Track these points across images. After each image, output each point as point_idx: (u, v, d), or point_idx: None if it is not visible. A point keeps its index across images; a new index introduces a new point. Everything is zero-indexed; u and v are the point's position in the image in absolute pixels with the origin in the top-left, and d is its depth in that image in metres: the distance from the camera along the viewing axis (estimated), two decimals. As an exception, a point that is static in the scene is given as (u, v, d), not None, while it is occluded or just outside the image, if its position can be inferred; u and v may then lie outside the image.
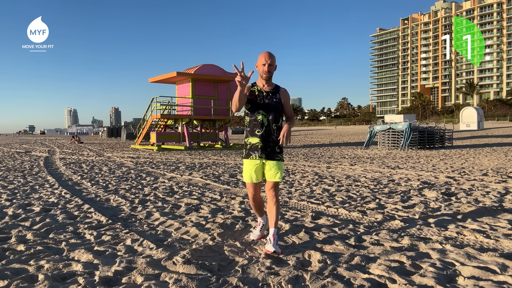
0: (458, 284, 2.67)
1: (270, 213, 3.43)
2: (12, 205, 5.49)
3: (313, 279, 2.72)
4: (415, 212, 4.75)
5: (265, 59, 3.34)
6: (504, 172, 8.40)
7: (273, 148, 3.41)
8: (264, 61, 3.34)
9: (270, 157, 3.40)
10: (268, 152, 3.40)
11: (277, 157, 3.42)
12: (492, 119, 70.46)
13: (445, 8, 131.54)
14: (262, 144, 3.38)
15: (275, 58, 3.41)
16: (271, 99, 3.42)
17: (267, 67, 3.35)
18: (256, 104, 3.42)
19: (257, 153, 3.39)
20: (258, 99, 3.42)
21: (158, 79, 20.73)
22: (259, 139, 3.39)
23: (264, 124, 3.39)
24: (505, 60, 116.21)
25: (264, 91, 3.44)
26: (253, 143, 3.41)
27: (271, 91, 3.44)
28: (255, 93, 3.44)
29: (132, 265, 3.07)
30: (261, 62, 3.36)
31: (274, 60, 3.39)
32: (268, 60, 3.33)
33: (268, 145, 3.39)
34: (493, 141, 20.96)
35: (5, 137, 66.55)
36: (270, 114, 3.38)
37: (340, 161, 11.66)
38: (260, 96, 3.43)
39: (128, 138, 33.96)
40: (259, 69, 3.42)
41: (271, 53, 3.37)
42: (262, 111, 3.39)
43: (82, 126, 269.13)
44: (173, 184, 7.43)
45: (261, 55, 3.38)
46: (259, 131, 3.39)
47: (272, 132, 3.40)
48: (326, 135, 41.53)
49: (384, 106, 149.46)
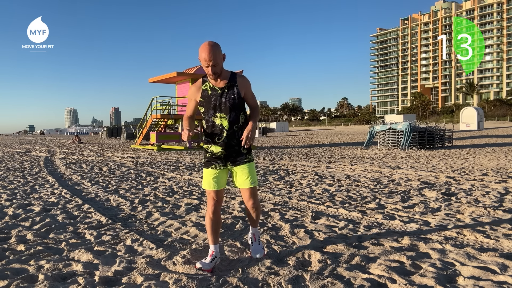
0: (458, 284, 2.67)
1: (250, 217, 3.20)
2: (12, 205, 5.49)
3: (313, 279, 2.72)
4: (415, 212, 4.75)
5: (205, 60, 2.75)
6: (504, 172, 8.40)
7: (238, 151, 2.95)
8: (205, 63, 2.76)
9: (237, 162, 2.95)
10: (234, 158, 2.95)
11: (245, 159, 2.97)
12: (492, 119, 70.47)
13: (445, 8, 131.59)
14: (226, 152, 2.92)
15: (218, 50, 2.76)
16: (228, 97, 2.88)
17: (211, 69, 2.78)
18: (211, 106, 2.89)
19: (220, 162, 2.95)
20: (213, 100, 2.89)
21: (158, 79, 20.74)
22: (221, 148, 2.91)
23: (225, 129, 2.89)
24: (505, 60, 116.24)
25: (218, 88, 2.89)
26: (215, 152, 2.94)
27: (226, 86, 2.90)
28: (207, 93, 2.91)
29: (132, 265, 3.07)
30: (203, 63, 2.79)
31: (218, 56, 2.76)
32: (210, 62, 2.74)
33: (233, 150, 2.93)
34: (493, 141, 20.96)
35: (5, 137, 66.54)
36: (230, 115, 2.87)
37: (340, 161, 11.66)
38: (214, 95, 2.89)
39: (128, 138, 33.96)
40: (203, 68, 2.83)
41: (211, 48, 2.73)
42: (219, 114, 2.88)
43: (82, 126, 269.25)
44: (173, 184, 7.43)
45: (200, 53, 2.76)
46: (219, 138, 2.90)
47: (234, 134, 2.91)
48: (326, 135, 41.53)
49: (384, 106, 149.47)
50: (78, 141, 31.05)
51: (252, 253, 3.21)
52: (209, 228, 3.04)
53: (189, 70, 20.08)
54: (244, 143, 2.80)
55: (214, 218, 3.00)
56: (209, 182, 2.96)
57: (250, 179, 2.96)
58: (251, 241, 3.30)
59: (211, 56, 2.72)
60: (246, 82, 2.97)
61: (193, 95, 2.97)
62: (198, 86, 2.96)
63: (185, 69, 20.63)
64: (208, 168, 2.98)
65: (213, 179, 2.95)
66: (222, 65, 2.86)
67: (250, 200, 3.03)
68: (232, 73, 2.98)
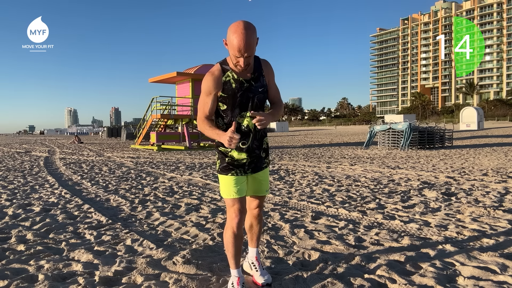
0: (458, 284, 2.67)
1: (251, 231, 2.69)
2: (12, 205, 5.49)
3: (313, 279, 2.72)
4: (415, 212, 4.75)
5: (240, 51, 2.11)
6: (504, 172, 8.40)
7: (259, 155, 2.46)
8: (238, 53, 2.13)
9: (257, 167, 2.48)
10: (255, 164, 2.46)
11: (263, 164, 2.52)
12: (492, 119, 70.48)
13: (445, 8, 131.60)
14: (250, 159, 2.42)
15: (254, 35, 2.14)
16: (255, 90, 2.31)
17: (243, 61, 2.17)
18: (237, 103, 2.30)
19: (241, 169, 2.42)
20: (239, 96, 2.29)
21: (158, 79, 20.75)
22: (246, 154, 2.39)
23: (251, 131, 2.36)
24: (505, 60, 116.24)
25: (244, 81, 2.29)
26: (238, 158, 2.40)
27: (252, 77, 2.31)
28: (231, 86, 2.28)
29: (132, 265, 3.07)
30: (234, 52, 2.14)
31: (254, 44, 2.15)
32: (245, 53, 2.12)
33: (255, 155, 2.44)
34: (493, 141, 20.96)
35: (5, 137, 66.55)
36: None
37: (340, 161, 11.66)
38: (239, 89, 2.28)
39: (128, 138, 33.96)
40: (231, 56, 2.21)
41: (249, 33, 2.09)
42: (245, 113, 2.33)
43: (82, 126, 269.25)
44: (173, 184, 7.43)
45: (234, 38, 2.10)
46: (244, 143, 2.35)
47: (256, 136, 2.41)
48: (326, 135, 41.53)
49: (384, 106, 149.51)
50: (78, 141, 31.05)
51: (258, 280, 2.59)
52: (232, 247, 2.43)
53: (189, 70, 20.08)
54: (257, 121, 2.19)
55: (238, 233, 2.42)
56: (232, 189, 2.39)
57: (265, 186, 2.56)
58: (254, 267, 2.67)
59: (247, 44, 2.09)
60: (270, 68, 2.41)
61: (212, 88, 2.30)
62: (218, 76, 2.28)
63: (185, 69, 20.64)
64: (228, 175, 2.41)
65: (234, 186, 2.39)
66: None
67: (257, 209, 2.61)
68: (256, 58, 2.36)
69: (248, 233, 2.73)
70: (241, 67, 2.21)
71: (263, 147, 2.49)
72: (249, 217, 2.66)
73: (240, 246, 2.47)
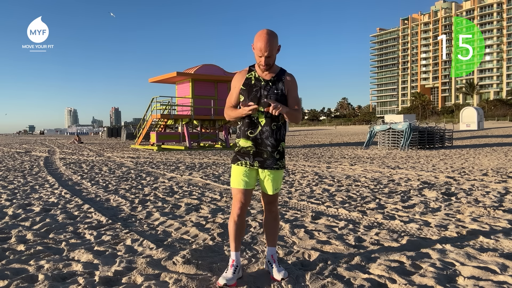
0: (458, 284, 2.67)
1: (268, 230, 2.89)
2: (12, 205, 5.49)
3: (313, 279, 2.72)
4: (415, 212, 4.75)
5: (261, 50, 2.59)
6: (504, 172, 8.40)
7: (271, 153, 2.70)
8: (260, 52, 2.60)
9: (266, 165, 2.71)
10: (264, 159, 2.70)
11: (275, 165, 2.72)
12: (492, 119, 70.48)
13: (445, 8, 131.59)
14: (255, 149, 2.70)
15: (275, 40, 2.63)
16: (271, 91, 2.69)
17: (264, 60, 2.62)
18: (252, 96, 2.70)
19: (248, 159, 2.71)
20: (254, 90, 2.70)
21: (158, 79, 20.75)
22: (252, 143, 2.69)
23: (261, 123, 2.68)
24: (505, 60, 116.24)
25: (263, 80, 2.71)
26: (244, 146, 2.71)
27: (271, 80, 2.71)
28: (251, 82, 2.72)
29: (132, 265, 3.07)
30: (257, 52, 2.63)
31: (274, 46, 2.62)
32: (265, 52, 2.58)
33: (264, 151, 2.69)
34: (493, 141, 20.96)
35: (5, 137, 66.56)
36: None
37: (340, 161, 11.66)
38: (257, 86, 2.70)
39: (128, 138, 33.96)
40: (256, 57, 2.69)
41: (269, 37, 2.58)
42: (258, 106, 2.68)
43: (82, 126, 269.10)
44: (173, 184, 7.43)
45: (257, 41, 2.60)
46: (252, 132, 2.69)
47: (271, 133, 2.69)
48: (326, 135, 41.53)
49: (384, 106, 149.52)
50: (78, 141, 31.06)
51: (276, 276, 2.73)
52: (232, 232, 2.77)
53: (189, 70, 20.08)
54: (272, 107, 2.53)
55: (239, 221, 2.74)
56: (238, 179, 2.71)
57: (274, 185, 2.75)
58: (270, 264, 2.83)
59: (268, 46, 2.57)
60: (293, 81, 2.77)
61: (237, 82, 2.78)
62: (243, 73, 2.79)
63: (185, 69, 20.64)
64: (235, 164, 2.74)
65: (242, 176, 2.70)
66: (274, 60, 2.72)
67: (270, 204, 2.84)
68: (282, 69, 2.80)
69: (265, 231, 2.93)
70: (263, 65, 2.65)
71: (278, 149, 2.74)
72: (265, 214, 2.91)
73: (239, 233, 2.77)
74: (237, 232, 2.77)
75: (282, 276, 2.70)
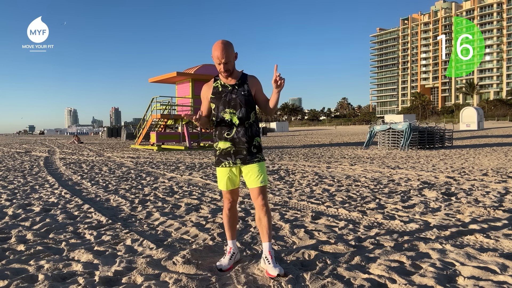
0: (458, 284, 2.67)
1: (261, 225, 2.96)
2: (12, 205, 5.49)
3: (313, 279, 2.72)
4: (415, 212, 4.75)
5: (218, 58, 2.82)
6: (504, 172, 8.40)
7: (249, 149, 2.93)
8: (217, 60, 2.83)
9: (247, 160, 2.93)
10: (244, 156, 2.93)
11: (255, 158, 2.94)
12: (492, 119, 70.48)
13: (445, 8, 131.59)
14: (235, 148, 2.93)
15: (230, 48, 2.84)
16: (238, 93, 2.93)
17: (223, 67, 2.85)
18: (222, 101, 2.94)
19: (230, 159, 2.94)
20: (223, 96, 2.94)
21: (158, 79, 20.74)
22: (230, 143, 2.93)
23: (235, 124, 2.92)
24: (505, 60, 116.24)
25: (228, 85, 2.95)
26: (223, 148, 2.95)
27: (236, 83, 2.95)
28: (218, 89, 2.97)
29: (132, 265, 3.07)
30: (215, 61, 2.85)
31: (230, 54, 2.84)
32: (222, 59, 2.81)
33: (242, 148, 2.92)
34: (493, 141, 20.96)
35: (5, 137, 66.55)
36: (240, 111, 2.91)
37: (340, 161, 11.66)
38: (224, 91, 2.95)
39: (128, 138, 33.95)
40: (216, 66, 2.91)
41: (224, 46, 2.80)
42: (229, 109, 2.92)
43: (82, 126, 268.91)
44: (173, 184, 7.43)
45: (213, 51, 2.83)
46: (228, 134, 2.93)
47: (245, 131, 2.92)
48: (326, 135, 41.53)
49: (384, 106, 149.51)
50: (78, 141, 31.05)
51: (271, 272, 2.81)
52: (226, 224, 3.13)
53: (189, 70, 20.08)
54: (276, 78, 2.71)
55: (230, 214, 3.10)
56: (223, 182, 3.00)
57: (260, 177, 2.92)
58: (267, 260, 2.89)
59: (223, 54, 2.80)
60: (256, 81, 3.01)
61: (205, 93, 3.05)
62: (210, 84, 3.05)
63: (185, 69, 20.64)
64: (219, 167, 3.00)
65: (227, 179, 2.98)
66: (234, 63, 2.94)
67: (258, 198, 2.93)
68: (244, 73, 3.05)
69: (258, 227, 3.01)
70: (223, 72, 2.89)
71: (254, 144, 2.96)
72: (256, 210, 3.01)
73: (232, 224, 3.13)
74: (230, 223, 3.12)
75: (278, 272, 2.78)
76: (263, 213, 2.94)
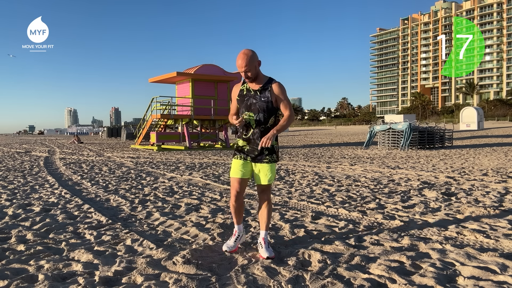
0: (458, 284, 2.67)
1: (261, 215, 3.36)
2: (12, 205, 5.49)
3: (313, 279, 2.72)
4: (415, 212, 4.75)
5: (239, 67, 3.14)
6: (504, 172, 8.40)
7: (261, 150, 3.23)
8: (239, 68, 3.14)
9: (258, 159, 3.25)
10: (255, 155, 3.25)
11: (265, 160, 3.24)
12: (492, 119, 70.47)
13: (445, 8, 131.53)
14: (248, 147, 3.27)
15: (252, 57, 3.12)
16: (258, 99, 3.20)
17: (244, 75, 3.17)
18: (244, 104, 3.26)
19: (243, 154, 3.28)
20: (246, 99, 3.25)
21: (158, 79, 20.73)
22: (246, 142, 3.28)
23: (252, 126, 3.23)
24: (505, 60, 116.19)
25: (252, 90, 3.24)
26: (240, 145, 3.31)
27: (259, 89, 3.22)
28: (243, 93, 3.28)
29: (132, 265, 3.07)
30: (238, 69, 3.16)
31: (251, 62, 3.11)
32: (243, 68, 3.11)
33: (255, 148, 3.23)
34: (493, 141, 20.96)
35: (5, 137, 66.54)
36: (258, 115, 3.19)
37: (340, 161, 11.66)
38: (247, 95, 3.25)
39: (128, 138, 33.96)
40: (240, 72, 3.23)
41: (245, 55, 3.10)
42: (248, 112, 3.22)
43: (82, 126, 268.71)
44: (173, 184, 7.43)
45: (237, 60, 3.14)
46: (246, 134, 3.27)
47: (260, 134, 3.21)
48: (326, 135, 41.52)
49: (384, 106, 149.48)
50: (78, 141, 31.04)
51: (262, 254, 3.19)
52: (233, 211, 3.39)
53: (189, 70, 20.08)
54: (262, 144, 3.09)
55: (237, 204, 3.34)
56: (236, 170, 3.27)
57: (266, 176, 3.24)
58: (260, 245, 3.29)
59: (244, 63, 3.09)
60: (278, 88, 3.22)
61: (234, 94, 3.36)
62: (238, 86, 3.35)
63: (185, 69, 20.63)
64: (234, 158, 3.33)
65: (239, 167, 3.26)
66: (259, 70, 3.21)
67: (262, 193, 3.33)
68: (270, 78, 3.27)
69: (259, 216, 3.40)
70: (245, 78, 3.20)
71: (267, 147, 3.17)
72: (259, 202, 3.39)
73: (238, 212, 3.38)
74: (237, 211, 3.38)
75: (267, 255, 3.15)
76: (264, 206, 3.34)
